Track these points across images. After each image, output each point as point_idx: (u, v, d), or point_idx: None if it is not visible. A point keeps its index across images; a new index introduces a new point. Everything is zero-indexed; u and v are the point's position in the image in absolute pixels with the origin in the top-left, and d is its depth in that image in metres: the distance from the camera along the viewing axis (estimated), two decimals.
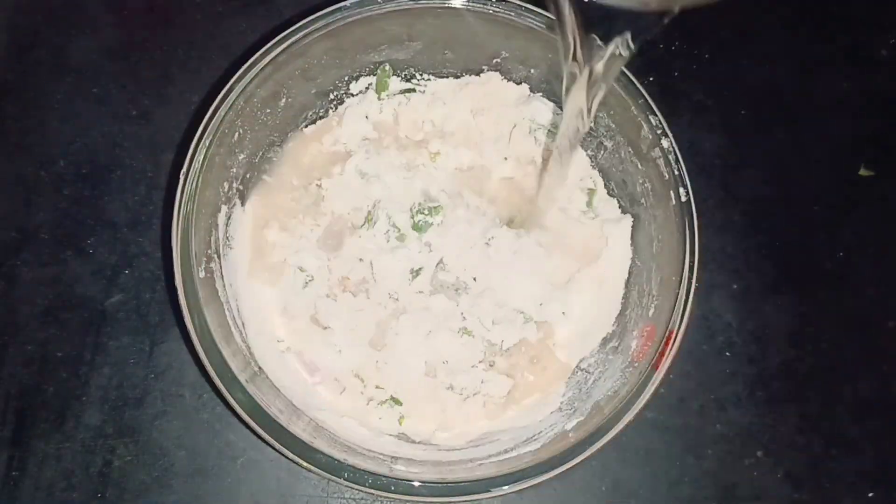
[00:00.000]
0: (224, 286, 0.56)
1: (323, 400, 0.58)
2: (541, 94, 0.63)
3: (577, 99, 0.45)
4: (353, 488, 0.50)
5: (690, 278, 0.51)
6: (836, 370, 0.65)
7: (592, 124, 0.61)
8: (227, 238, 0.58)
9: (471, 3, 0.55)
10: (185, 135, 0.67)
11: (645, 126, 0.55)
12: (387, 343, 0.58)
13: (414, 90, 0.64)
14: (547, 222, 0.60)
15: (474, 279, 0.60)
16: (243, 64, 0.53)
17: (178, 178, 0.51)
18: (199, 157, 0.52)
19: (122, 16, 0.70)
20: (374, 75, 0.63)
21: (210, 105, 0.52)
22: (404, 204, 0.61)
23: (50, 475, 0.60)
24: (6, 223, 0.65)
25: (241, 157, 0.58)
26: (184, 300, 0.50)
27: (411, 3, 0.55)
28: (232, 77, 0.53)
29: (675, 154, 0.54)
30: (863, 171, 0.70)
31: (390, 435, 0.57)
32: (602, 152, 0.62)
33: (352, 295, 0.59)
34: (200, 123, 0.52)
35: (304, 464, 0.48)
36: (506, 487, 0.48)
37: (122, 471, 0.60)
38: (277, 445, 0.48)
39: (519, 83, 0.63)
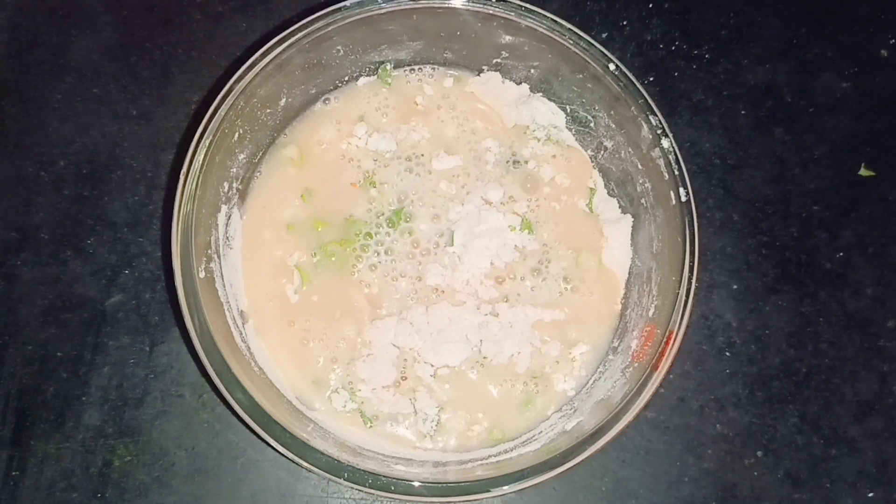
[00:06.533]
0: (224, 286, 0.56)
1: (322, 400, 0.58)
2: (541, 94, 0.63)
3: None
4: (353, 488, 0.50)
5: (690, 278, 0.51)
6: (836, 370, 0.65)
7: (593, 123, 0.61)
8: (227, 238, 0.58)
9: (471, 3, 0.55)
10: (185, 135, 0.67)
11: (645, 126, 0.55)
12: (369, 340, 0.58)
13: None
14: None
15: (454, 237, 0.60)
16: (243, 64, 0.53)
17: (178, 178, 0.51)
18: (199, 157, 0.52)
19: (122, 16, 0.70)
20: (374, 75, 0.63)
21: (210, 105, 0.53)
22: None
23: (50, 475, 0.60)
24: (6, 223, 0.65)
25: (241, 157, 0.58)
26: (184, 300, 0.50)
27: (411, 3, 0.55)
28: (232, 77, 0.53)
29: (675, 154, 0.54)
30: (863, 171, 0.70)
31: (388, 435, 0.57)
32: (602, 152, 0.62)
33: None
34: (200, 123, 0.52)
35: (304, 464, 0.48)
36: (506, 487, 0.48)
37: (122, 471, 0.60)
38: (277, 445, 0.48)
39: (519, 83, 0.63)
